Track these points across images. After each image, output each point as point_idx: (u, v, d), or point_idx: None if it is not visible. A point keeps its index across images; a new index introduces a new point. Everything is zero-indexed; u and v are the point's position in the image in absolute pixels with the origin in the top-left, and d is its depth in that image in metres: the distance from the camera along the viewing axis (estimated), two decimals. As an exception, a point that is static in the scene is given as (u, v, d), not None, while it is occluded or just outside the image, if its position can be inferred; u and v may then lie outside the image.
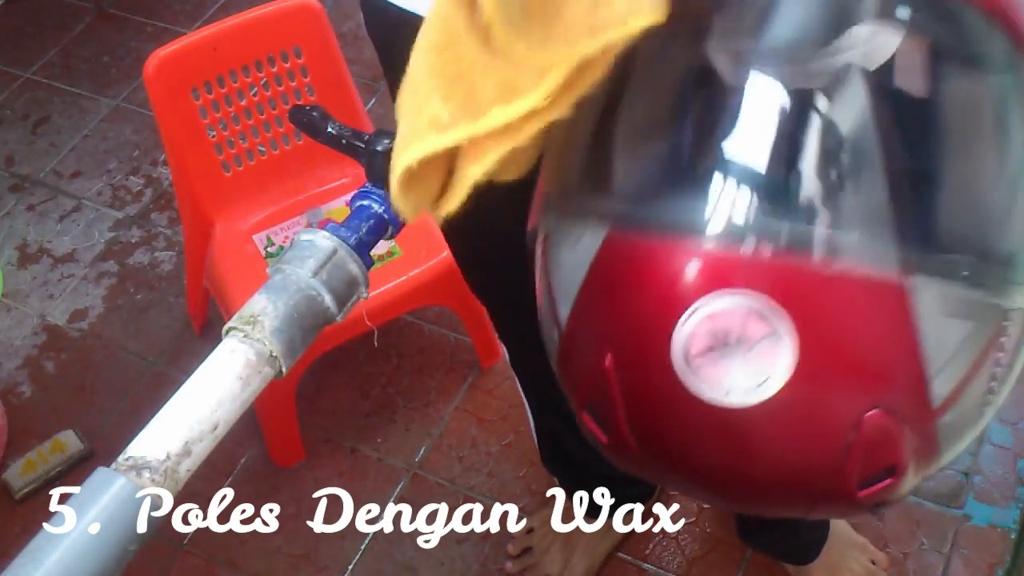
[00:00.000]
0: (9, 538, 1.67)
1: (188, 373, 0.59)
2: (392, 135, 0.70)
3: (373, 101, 2.22)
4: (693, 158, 0.60)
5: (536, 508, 1.67)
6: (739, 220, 0.57)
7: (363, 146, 0.72)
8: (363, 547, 1.66)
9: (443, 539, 1.66)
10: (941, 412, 0.60)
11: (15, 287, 2.06)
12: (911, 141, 0.58)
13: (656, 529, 1.64)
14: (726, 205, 0.57)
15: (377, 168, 0.70)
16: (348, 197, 0.83)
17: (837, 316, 0.57)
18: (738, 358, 0.57)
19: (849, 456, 0.59)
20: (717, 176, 0.57)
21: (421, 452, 1.76)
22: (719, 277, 0.57)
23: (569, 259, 0.65)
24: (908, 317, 0.57)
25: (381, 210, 0.69)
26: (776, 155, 0.57)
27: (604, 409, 0.64)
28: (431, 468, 1.74)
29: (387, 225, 0.70)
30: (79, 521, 0.52)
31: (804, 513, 0.70)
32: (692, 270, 0.57)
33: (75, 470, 1.75)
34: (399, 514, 1.69)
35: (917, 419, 0.59)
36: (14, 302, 2.04)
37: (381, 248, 1.45)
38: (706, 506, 1.66)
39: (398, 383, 1.85)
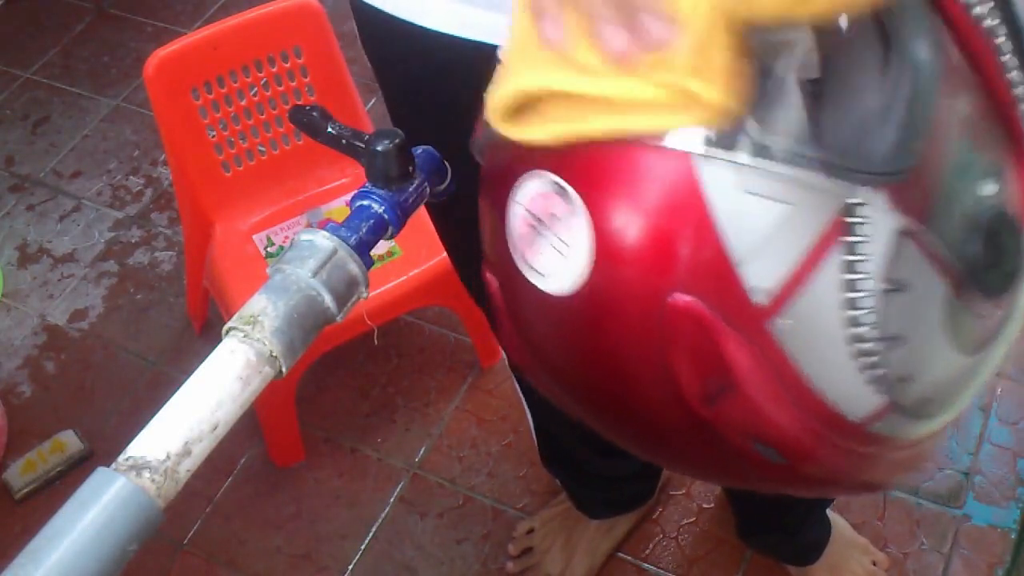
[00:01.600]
0: (9, 538, 1.67)
1: (188, 373, 0.59)
2: (392, 135, 0.71)
3: (373, 101, 2.22)
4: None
5: (536, 508, 1.67)
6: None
7: (363, 146, 0.72)
8: (363, 547, 1.66)
9: (443, 539, 1.66)
10: (772, 311, 0.53)
11: (15, 287, 2.06)
12: None
13: (656, 529, 1.64)
14: None
15: (377, 168, 0.70)
16: (348, 197, 0.83)
17: (622, 187, 0.54)
18: (548, 238, 0.56)
19: (669, 352, 0.54)
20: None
21: (421, 452, 1.76)
22: (527, 160, 0.57)
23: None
24: (696, 188, 0.52)
25: (381, 210, 0.69)
26: None
27: (498, 327, 0.66)
28: (431, 468, 1.74)
29: (387, 225, 0.70)
30: (79, 521, 0.52)
31: (672, 441, 0.61)
32: (515, 158, 0.58)
33: (75, 470, 1.75)
34: (399, 514, 1.69)
35: (736, 313, 0.53)
36: (14, 302, 2.04)
37: (381, 248, 1.45)
38: (707, 506, 1.66)
39: (398, 383, 1.85)
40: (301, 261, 0.63)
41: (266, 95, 1.62)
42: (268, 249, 1.67)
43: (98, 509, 0.53)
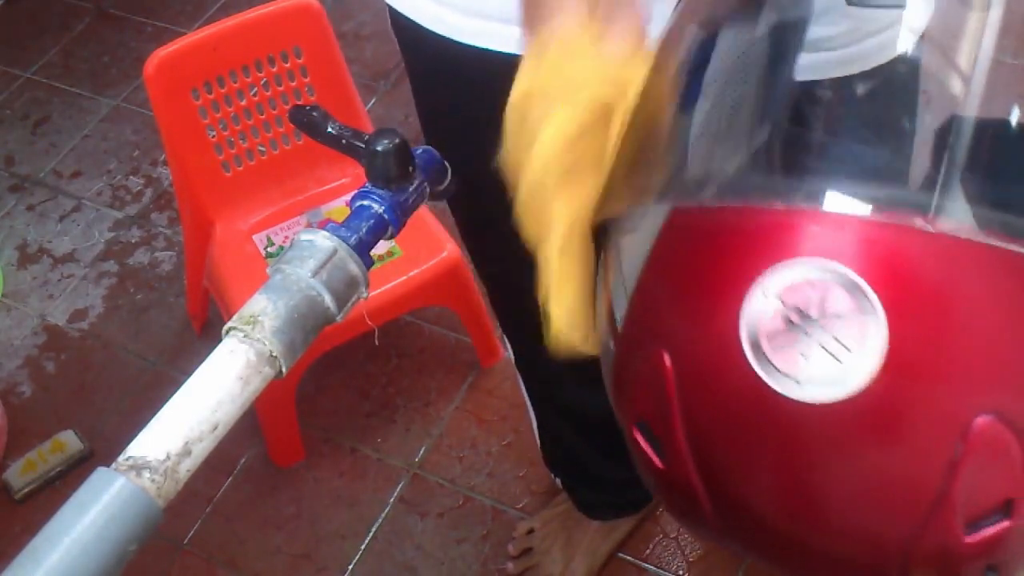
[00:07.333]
0: (9, 538, 1.67)
1: (188, 373, 0.59)
2: (392, 135, 0.71)
3: (373, 101, 2.22)
4: (769, 134, 0.52)
5: (536, 508, 1.67)
6: (822, 184, 0.48)
7: (363, 146, 0.71)
8: (363, 547, 1.66)
9: (443, 539, 1.66)
10: None
11: (15, 287, 2.06)
12: None
13: (656, 529, 1.64)
14: (807, 172, 0.49)
15: (377, 168, 0.70)
16: (348, 197, 0.83)
17: (941, 292, 0.46)
18: (817, 339, 0.46)
19: (954, 477, 0.47)
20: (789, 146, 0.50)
21: (421, 452, 1.76)
22: (795, 243, 0.47)
23: (628, 248, 0.55)
24: None
25: (381, 210, 0.69)
26: (863, 120, 0.51)
27: (660, 421, 0.53)
28: (431, 468, 1.74)
29: (387, 225, 0.70)
30: (79, 521, 0.52)
31: (896, 571, 0.52)
32: (762, 237, 0.48)
33: (75, 470, 1.75)
34: (399, 514, 1.69)
35: None
36: (14, 302, 2.04)
37: (381, 248, 1.45)
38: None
39: (398, 383, 1.85)
40: (301, 261, 0.63)
41: (266, 95, 1.62)
42: (268, 249, 1.67)
43: (98, 509, 0.53)
